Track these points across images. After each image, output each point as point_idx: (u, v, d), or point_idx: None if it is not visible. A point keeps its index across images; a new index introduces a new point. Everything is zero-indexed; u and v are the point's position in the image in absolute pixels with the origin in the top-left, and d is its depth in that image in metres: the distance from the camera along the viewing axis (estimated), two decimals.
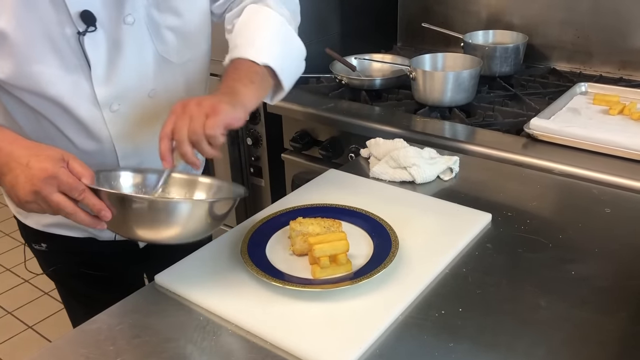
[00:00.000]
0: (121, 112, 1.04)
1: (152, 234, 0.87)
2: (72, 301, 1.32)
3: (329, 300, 0.88)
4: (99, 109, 1.02)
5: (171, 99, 1.09)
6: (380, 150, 1.28)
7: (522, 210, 1.12)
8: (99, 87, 1.00)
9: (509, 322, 0.85)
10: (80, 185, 0.83)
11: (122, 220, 0.86)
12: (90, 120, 1.02)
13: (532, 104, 1.57)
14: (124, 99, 1.03)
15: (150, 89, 1.07)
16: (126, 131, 1.07)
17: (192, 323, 0.87)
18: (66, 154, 0.86)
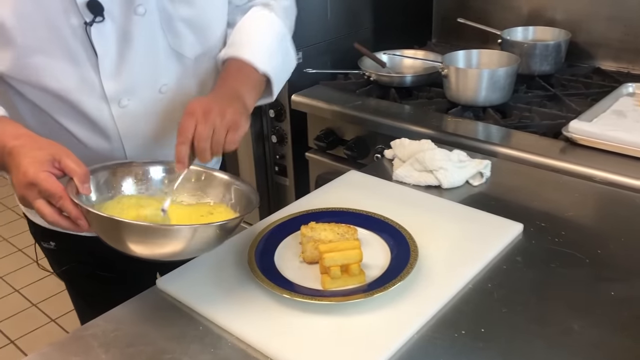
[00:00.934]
0: (130, 108, 0.99)
1: (147, 253, 0.81)
2: (81, 302, 1.28)
3: (339, 313, 0.81)
4: (107, 105, 0.97)
5: (183, 96, 1.04)
6: (405, 152, 1.20)
7: (557, 220, 1.03)
8: (107, 81, 0.95)
9: (537, 347, 0.76)
10: (59, 193, 0.78)
11: (113, 236, 0.81)
12: (97, 116, 0.98)
13: (572, 106, 1.46)
14: (133, 94, 0.99)
15: (162, 84, 1.01)
16: (135, 128, 1.02)
17: (190, 333, 0.81)
18: (58, 152, 0.80)
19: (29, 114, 0.98)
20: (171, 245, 0.80)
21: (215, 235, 0.83)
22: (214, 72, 1.10)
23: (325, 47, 1.83)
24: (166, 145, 1.06)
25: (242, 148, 1.96)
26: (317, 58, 1.79)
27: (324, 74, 1.76)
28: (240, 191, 0.94)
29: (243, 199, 0.93)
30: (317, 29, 1.81)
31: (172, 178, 0.95)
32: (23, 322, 2.39)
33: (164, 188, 0.96)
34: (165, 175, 0.97)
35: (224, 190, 0.96)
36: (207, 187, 0.97)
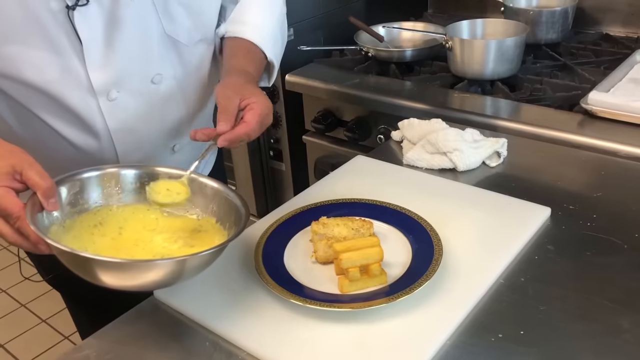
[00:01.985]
0: (120, 101, 0.89)
1: (118, 285, 0.70)
2: (77, 312, 1.19)
3: (360, 320, 0.73)
4: (95, 98, 0.87)
5: (180, 87, 0.95)
6: (415, 133, 1.11)
7: (586, 202, 0.95)
8: (93, 72, 0.85)
9: (584, 349, 0.68)
10: (15, 212, 0.68)
11: (76, 268, 0.70)
12: (84, 111, 0.88)
13: (585, 75, 1.37)
14: (123, 86, 0.88)
15: (155, 74, 0.91)
16: (127, 123, 0.92)
17: (196, 350, 0.72)
18: (20, 162, 0.70)
19: (8, 111, 0.88)
20: (146, 279, 0.69)
21: (200, 263, 0.72)
22: (210, 61, 1.00)
23: (317, 22, 1.73)
24: (161, 143, 0.97)
25: None
26: (309, 34, 1.69)
27: (318, 51, 1.66)
28: (229, 203, 0.81)
29: (232, 212, 0.80)
30: (307, 2, 1.70)
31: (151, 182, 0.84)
32: (12, 325, 2.28)
33: (144, 195, 0.84)
34: (144, 180, 0.84)
35: (212, 201, 0.83)
36: (195, 195, 0.83)
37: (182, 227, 0.81)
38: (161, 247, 0.77)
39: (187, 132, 1.00)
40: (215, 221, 0.82)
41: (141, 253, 0.76)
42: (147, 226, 0.81)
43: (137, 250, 0.76)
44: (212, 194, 0.83)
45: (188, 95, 0.98)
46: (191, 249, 0.76)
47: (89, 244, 0.76)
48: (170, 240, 0.78)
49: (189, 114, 0.99)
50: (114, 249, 0.76)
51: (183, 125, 0.99)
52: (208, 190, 0.84)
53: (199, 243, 0.78)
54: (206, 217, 0.83)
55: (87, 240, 0.76)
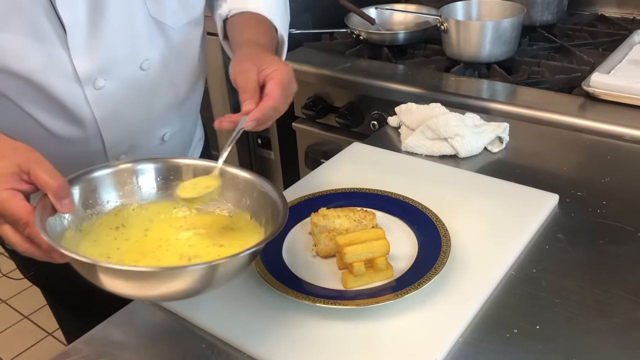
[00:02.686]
0: (108, 89, 0.83)
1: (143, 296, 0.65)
2: (60, 309, 1.13)
3: (365, 318, 0.69)
4: (80, 87, 0.81)
5: (168, 72, 0.89)
6: (413, 118, 1.07)
7: (594, 188, 0.91)
8: (78, 59, 0.79)
9: (607, 345, 0.65)
10: (23, 218, 0.61)
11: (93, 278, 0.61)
12: (69, 101, 0.82)
13: (583, 57, 1.34)
14: (110, 73, 0.83)
15: (143, 59, 0.86)
16: (114, 112, 0.86)
17: (192, 353, 0.68)
18: (27, 161, 0.63)
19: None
20: (175, 287, 0.60)
21: (236, 267, 0.63)
22: (200, 43, 0.94)
23: (305, 4, 1.66)
24: (150, 132, 0.91)
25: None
26: (297, 17, 1.62)
27: (307, 34, 1.60)
28: (264, 196, 0.73)
29: (268, 206, 0.72)
30: None
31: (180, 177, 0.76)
32: (15, 339, 2.13)
33: (169, 191, 0.76)
34: (167, 174, 0.77)
35: (245, 194, 0.75)
36: (226, 188, 0.75)
37: (211, 224, 0.73)
38: (187, 247, 0.70)
39: (176, 119, 0.95)
40: (250, 217, 0.73)
41: (165, 255, 0.69)
42: (173, 224, 0.74)
43: (161, 252, 0.69)
44: (245, 187, 0.75)
45: (177, 81, 0.93)
46: (220, 248, 0.69)
47: (113, 250, 0.68)
48: (196, 238, 0.71)
49: (178, 100, 0.94)
50: (139, 252, 0.69)
51: (172, 112, 0.94)
52: (240, 183, 0.75)
53: (229, 242, 0.70)
54: (239, 213, 0.74)
55: (110, 246, 0.69)
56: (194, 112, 1.05)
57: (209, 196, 0.73)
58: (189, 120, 1.02)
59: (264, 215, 0.71)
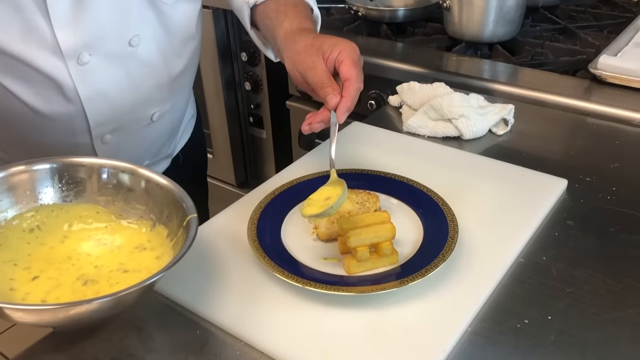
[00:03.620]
0: (93, 65, 0.78)
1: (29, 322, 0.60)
2: None
3: (369, 305, 0.65)
4: (63, 61, 0.76)
5: (160, 50, 0.84)
6: (416, 98, 1.03)
7: (603, 173, 0.88)
8: (61, 32, 0.74)
9: (621, 338, 0.62)
10: None
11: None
12: (51, 76, 0.77)
13: (588, 39, 1.30)
14: (96, 48, 0.78)
15: (133, 35, 0.80)
16: (100, 90, 0.81)
17: (186, 340, 0.64)
18: None
19: None
20: (73, 318, 0.58)
21: (143, 291, 0.58)
22: (195, 22, 0.89)
23: None
24: (138, 111, 0.86)
25: (211, 97, 1.75)
26: None
27: None
28: (184, 214, 0.66)
29: (179, 214, 0.67)
30: None
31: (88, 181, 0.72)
32: (18, 336, 2.05)
33: (96, 195, 0.72)
34: (101, 178, 0.72)
35: (169, 208, 0.69)
36: (151, 200, 0.71)
37: (127, 241, 0.70)
38: (93, 267, 0.66)
39: (167, 99, 0.90)
40: (167, 234, 0.68)
41: (68, 270, 0.66)
42: (92, 235, 0.70)
43: (66, 267, 0.66)
44: (165, 198, 0.69)
45: (169, 60, 0.87)
46: (123, 274, 0.65)
47: (23, 255, 0.66)
48: (105, 258, 0.67)
49: (169, 79, 0.88)
50: (47, 261, 0.66)
51: (163, 91, 0.88)
52: (160, 191, 0.70)
53: (136, 267, 0.66)
54: (159, 228, 0.70)
55: (20, 251, 0.66)
56: (187, 91, 1.00)
57: (336, 207, 0.69)
58: (180, 99, 0.97)
59: (177, 236, 0.66)
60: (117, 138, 0.86)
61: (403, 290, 0.66)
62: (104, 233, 0.71)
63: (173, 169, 1.05)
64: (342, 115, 0.72)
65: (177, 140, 1.06)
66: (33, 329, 0.63)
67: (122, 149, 0.88)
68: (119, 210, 0.72)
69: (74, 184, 0.72)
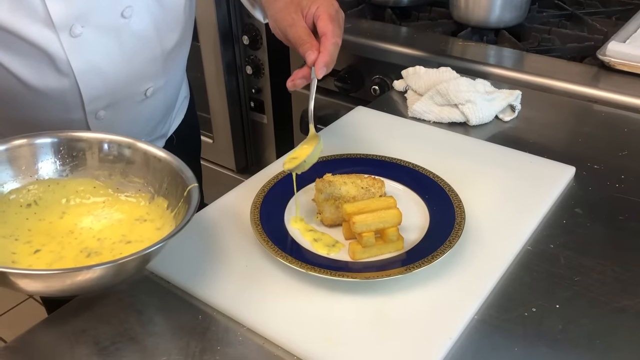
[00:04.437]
0: (86, 37, 0.76)
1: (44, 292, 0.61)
2: None
3: (374, 292, 0.64)
4: (55, 33, 0.74)
5: (154, 22, 0.82)
6: (421, 83, 1.01)
7: (611, 161, 0.87)
8: (52, 2, 0.72)
9: (631, 327, 0.61)
10: None
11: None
12: (43, 48, 0.75)
13: (596, 26, 1.28)
14: (88, 20, 0.76)
15: (125, 6, 0.78)
16: (93, 63, 0.79)
17: (188, 324, 0.63)
18: None
19: None
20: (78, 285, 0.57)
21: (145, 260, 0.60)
22: None
23: None
24: (132, 86, 0.84)
25: (211, 81, 1.73)
26: None
27: None
28: (184, 184, 0.66)
29: (180, 185, 0.67)
30: None
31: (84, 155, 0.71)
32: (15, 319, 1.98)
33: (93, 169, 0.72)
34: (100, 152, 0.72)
35: (168, 180, 0.69)
36: (150, 173, 0.71)
37: (127, 213, 0.69)
38: (95, 240, 0.66)
39: (161, 74, 0.88)
40: (167, 206, 0.68)
41: (71, 243, 0.66)
42: (91, 210, 0.70)
43: (68, 240, 0.66)
44: (163, 170, 0.69)
45: (163, 33, 0.86)
46: (126, 245, 0.65)
47: (23, 231, 0.65)
48: (107, 231, 0.67)
49: (163, 53, 0.86)
50: (49, 235, 0.66)
51: (157, 65, 0.87)
52: (162, 166, 0.69)
53: (138, 237, 0.66)
54: (158, 200, 0.70)
55: (20, 227, 0.65)
56: (180, 68, 0.98)
57: (311, 160, 0.72)
58: (174, 75, 0.95)
59: (177, 207, 0.67)
60: (111, 114, 0.85)
61: (409, 277, 0.65)
62: (102, 207, 0.70)
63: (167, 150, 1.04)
64: (320, 71, 0.72)
65: (171, 120, 1.04)
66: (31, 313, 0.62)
67: (116, 125, 0.87)
68: (116, 184, 0.72)
69: (70, 159, 0.71)
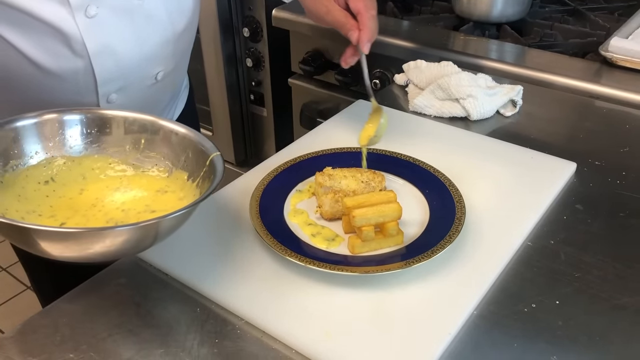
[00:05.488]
0: (100, 18, 0.76)
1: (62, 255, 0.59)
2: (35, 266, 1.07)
3: (373, 286, 0.64)
4: (71, 13, 0.74)
5: (165, 4, 0.82)
6: (423, 77, 1.00)
7: (612, 157, 0.86)
8: None
9: (632, 325, 0.61)
10: None
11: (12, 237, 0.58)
12: (58, 28, 0.74)
13: (599, 22, 1.28)
14: (103, 1, 0.75)
15: None
16: (108, 44, 0.79)
17: (185, 317, 0.62)
18: None
19: None
20: (103, 248, 0.57)
21: (169, 227, 0.60)
22: None
23: None
24: (143, 69, 0.84)
25: (211, 73, 1.73)
26: None
27: None
28: (204, 155, 0.68)
29: (207, 168, 0.67)
30: None
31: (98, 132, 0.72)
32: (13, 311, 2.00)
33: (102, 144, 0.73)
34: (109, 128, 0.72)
35: (185, 153, 0.70)
36: (166, 146, 0.72)
37: (147, 186, 0.69)
38: (120, 211, 0.66)
39: (170, 57, 0.88)
40: (187, 178, 0.69)
41: (95, 215, 0.65)
42: (110, 184, 0.70)
43: (92, 212, 0.66)
44: (181, 143, 0.70)
45: (173, 16, 0.86)
46: (152, 214, 0.65)
47: (45, 207, 0.65)
48: (130, 203, 0.67)
49: (174, 36, 0.86)
50: (71, 209, 0.65)
51: (167, 48, 0.86)
52: (178, 139, 0.71)
53: (162, 207, 0.67)
54: (177, 172, 0.70)
55: (41, 203, 0.65)
56: (187, 53, 0.98)
57: (380, 133, 0.80)
58: (182, 60, 0.96)
59: (200, 176, 0.67)
60: (122, 98, 0.85)
61: (408, 272, 0.64)
62: (120, 183, 0.70)
63: None
64: (365, 46, 0.79)
65: (175, 106, 1.04)
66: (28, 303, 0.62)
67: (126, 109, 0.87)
68: (132, 160, 0.72)
69: (84, 136, 0.71)
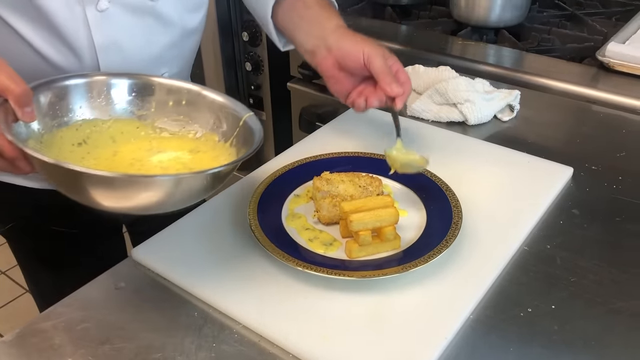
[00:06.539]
0: (111, 12, 0.76)
1: (113, 206, 0.60)
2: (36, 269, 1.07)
3: (370, 290, 0.64)
4: (81, 5, 0.74)
5: (177, 8, 0.83)
6: (420, 81, 1.01)
7: (609, 162, 0.87)
8: None
9: (627, 329, 0.61)
10: None
11: (64, 185, 0.60)
12: (67, 21, 0.74)
13: (596, 27, 1.28)
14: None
15: None
16: (115, 40, 0.79)
17: (183, 321, 0.63)
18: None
19: None
20: (145, 198, 0.59)
21: (203, 185, 0.62)
22: None
23: None
24: (149, 68, 0.84)
25: (211, 77, 1.73)
26: None
27: None
28: (235, 117, 0.72)
29: (241, 128, 0.71)
30: None
31: (144, 96, 0.76)
32: (12, 314, 2.00)
33: (134, 108, 0.75)
34: (135, 91, 0.76)
35: (215, 115, 0.74)
36: (194, 110, 0.75)
37: (179, 147, 0.72)
38: (160, 169, 0.68)
39: (176, 60, 0.89)
40: (218, 139, 0.72)
41: (139, 172, 0.67)
42: (141, 146, 0.72)
43: (133, 171, 0.68)
44: (211, 107, 0.74)
45: (185, 19, 0.86)
46: None
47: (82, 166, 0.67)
48: (168, 162, 0.69)
49: (182, 38, 0.87)
50: (110, 168, 0.67)
51: (173, 50, 0.87)
52: (202, 100, 0.74)
53: (200, 165, 0.69)
54: (207, 134, 0.73)
55: (79, 164, 0.65)
56: (192, 57, 0.99)
57: None
58: (187, 63, 0.96)
59: (233, 136, 0.71)
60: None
61: (405, 276, 0.65)
62: (151, 145, 0.72)
63: None
64: (400, 104, 0.79)
65: None
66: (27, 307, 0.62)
67: None
68: (160, 124, 0.74)
69: (108, 99, 0.74)
